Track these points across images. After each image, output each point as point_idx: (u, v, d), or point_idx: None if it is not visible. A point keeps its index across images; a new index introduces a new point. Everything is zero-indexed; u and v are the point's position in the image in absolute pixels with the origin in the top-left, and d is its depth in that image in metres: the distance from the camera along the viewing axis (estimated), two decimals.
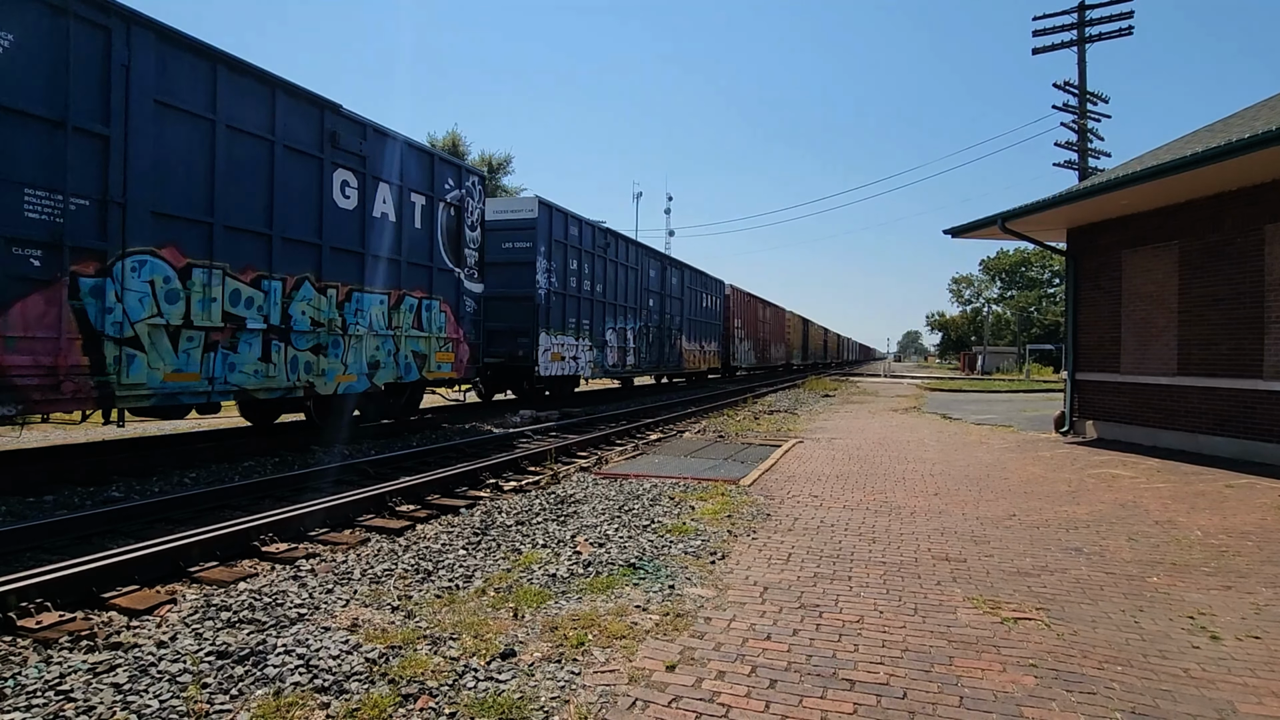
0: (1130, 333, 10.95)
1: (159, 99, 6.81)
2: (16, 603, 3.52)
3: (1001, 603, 3.91)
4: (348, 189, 9.26)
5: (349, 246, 9.30)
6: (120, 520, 5.41)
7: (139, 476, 7.27)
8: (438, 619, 3.56)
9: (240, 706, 2.66)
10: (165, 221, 6.91)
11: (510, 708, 2.67)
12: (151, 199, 6.77)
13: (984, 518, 5.98)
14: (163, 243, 6.90)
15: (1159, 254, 10.43)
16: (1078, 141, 23.73)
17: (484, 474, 7.52)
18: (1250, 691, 2.92)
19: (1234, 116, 11.24)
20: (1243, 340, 9.07)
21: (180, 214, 7.06)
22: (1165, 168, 8.51)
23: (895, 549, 4.96)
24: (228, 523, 5.02)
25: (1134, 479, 7.88)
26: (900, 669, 3.06)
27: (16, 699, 2.69)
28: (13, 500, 6.12)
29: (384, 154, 9.90)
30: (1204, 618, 3.75)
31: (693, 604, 3.81)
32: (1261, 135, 7.29)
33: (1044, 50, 23.57)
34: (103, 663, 3.01)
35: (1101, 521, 5.91)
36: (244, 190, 7.75)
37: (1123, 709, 2.75)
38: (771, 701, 2.77)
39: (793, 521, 5.70)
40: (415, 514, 5.98)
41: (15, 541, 4.73)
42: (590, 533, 5.28)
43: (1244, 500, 6.72)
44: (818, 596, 3.96)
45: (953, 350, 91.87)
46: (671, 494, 6.65)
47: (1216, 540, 5.34)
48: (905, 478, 7.84)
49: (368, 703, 2.68)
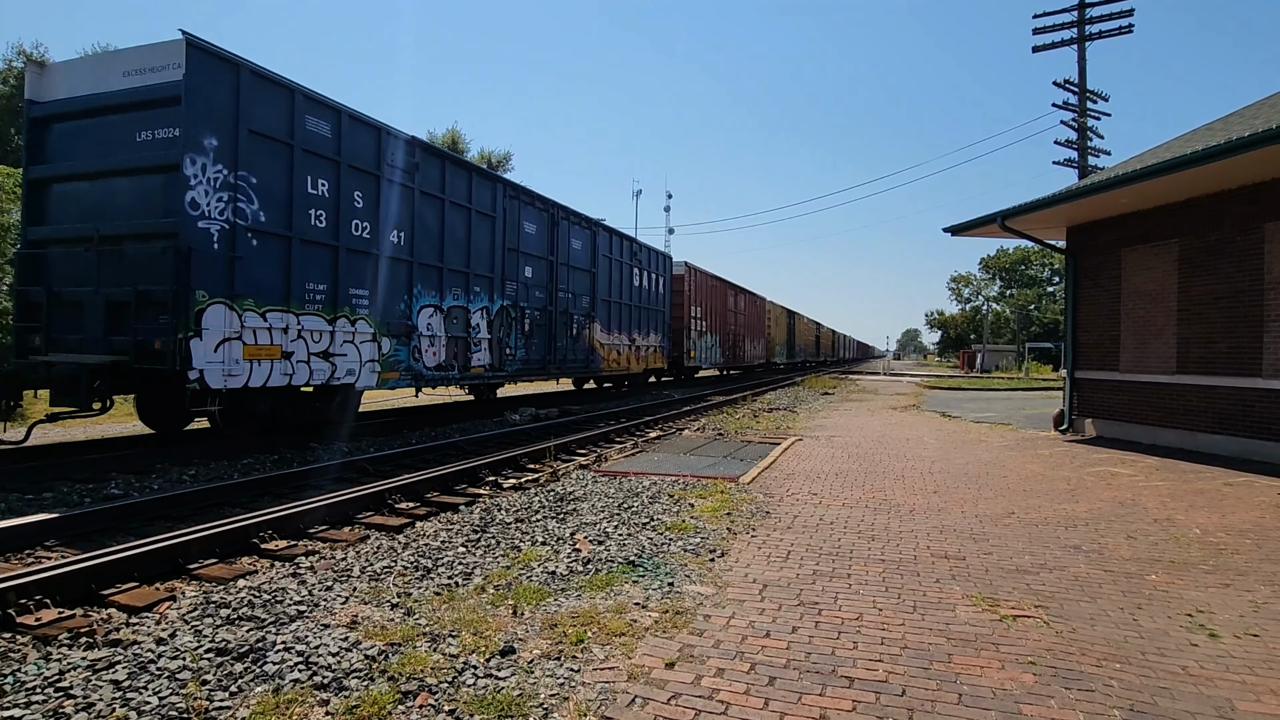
0: (1130, 331, 10.95)
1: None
2: (16, 600, 3.52)
3: (1000, 600, 3.91)
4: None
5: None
6: (119, 517, 5.41)
7: (138, 474, 7.27)
8: (437, 616, 3.56)
9: (240, 703, 2.66)
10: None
11: (510, 705, 2.68)
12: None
13: (983, 515, 5.98)
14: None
15: (1158, 252, 10.43)
16: (1077, 140, 23.73)
17: (483, 471, 7.53)
18: (1249, 689, 2.93)
19: (1234, 115, 11.23)
20: (1242, 339, 9.08)
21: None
22: (1165, 166, 8.51)
23: (894, 547, 4.97)
24: (227, 520, 5.02)
25: (1133, 477, 7.89)
26: (899, 666, 3.06)
27: (16, 695, 2.69)
28: (12, 497, 6.12)
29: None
30: (1202, 615, 3.76)
31: (692, 601, 3.81)
32: (1261, 134, 7.29)
33: (1044, 48, 23.56)
34: (102, 660, 3.01)
35: (1100, 519, 5.91)
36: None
37: (1121, 706, 2.75)
38: (771, 699, 2.77)
39: (792, 519, 5.70)
40: (414, 511, 5.98)
41: (16, 539, 4.73)
42: (590, 530, 5.28)
43: (1243, 498, 6.73)
44: (817, 594, 3.97)
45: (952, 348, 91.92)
46: (671, 491, 6.66)
47: (1215, 538, 5.34)
48: (904, 475, 7.84)
49: (367, 700, 2.68)
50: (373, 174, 9.60)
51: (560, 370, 15.31)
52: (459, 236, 11.64)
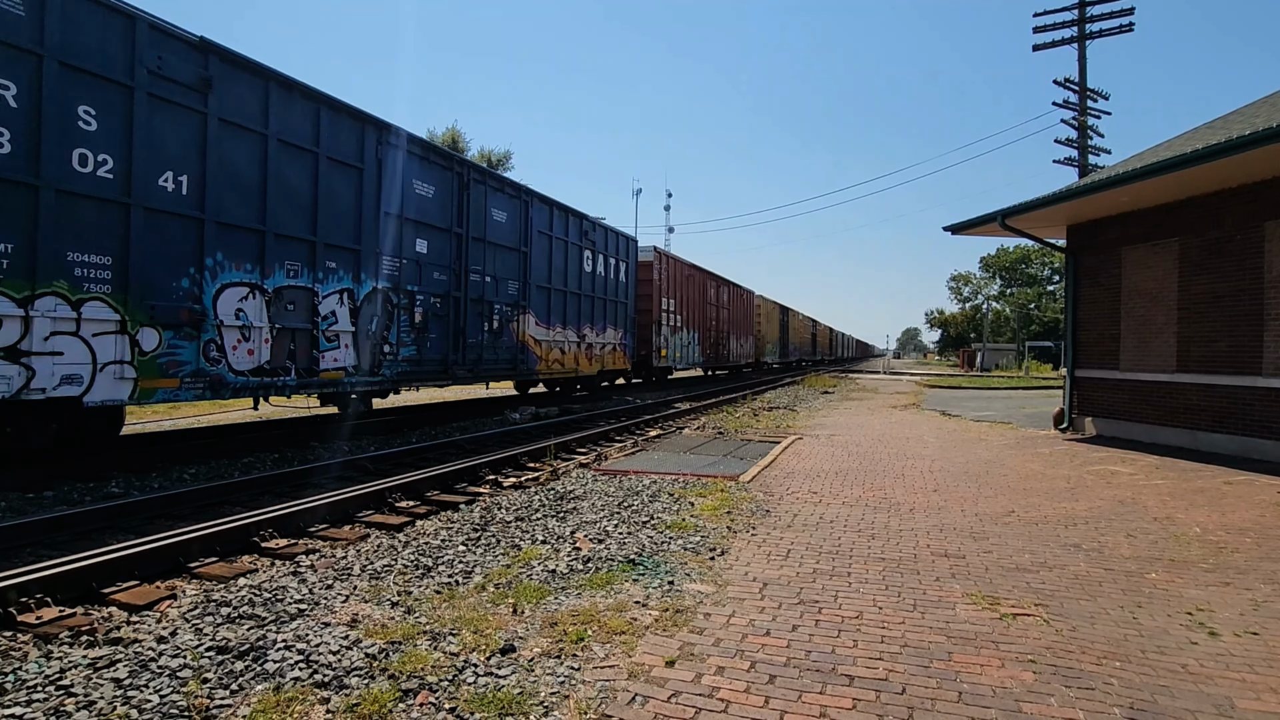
0: (1130, 329, 10.95)
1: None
2: (17, 598, 3.52)
3: (1000, 599, 3.92)
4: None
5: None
6: (120, 516, 5.41)
7: (138, 472, 7.27)
8: (437, 615, 3.57)
9: (240, 701, 2.66)
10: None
11: (510, 703, 2.68)
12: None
13: (983, 514, 5.98)
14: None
15: (1159, 251, 10.42)
16: (1078, 138, 23.72)
17: (483, 470, 7.53)
18: (1248, 687, 2.93)
19: (1234, 113, 11.23)
20: (1242, 337, 9.07)
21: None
22: (1165, 165, 8.50)
23: (894, 545, 4.97)
24: (228, 519, 5.03)
25: (1133, 476, 7.89)
26: (899, 665, 3.07)
27: (17, 694, 2.69)
28: (13, 496, 6.12)
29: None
30: (1202, 614, 3.76)
31: (692, 600, 3.81)
32: (1262, 132, 7.29)
33: (1044, 47, 23.57)
34: (103, 658, 3.01)
35: (1100, 518, 5.91)
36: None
37: (1121, 704, 2.76)
38: (771, 697, 2.77)
39: (792, 518, 5.70)
40: (415, 510, 5.98)
41: (16, 537, 4.73)
42: (590, 529, 5.29)
43: (1243, 497, 6.73)
44: (817, 592, 3.97)
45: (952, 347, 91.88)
46: (671, 490, 6.66)
47: (1215, 537, 5.35)
48: (904, 474, 7.85)
49: (368, 698, 2.68)
50: (120, 84, 6.53)
51: (473, 373, 12.06)
52: (299, 191, 8.42)
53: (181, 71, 7.07)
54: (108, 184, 6.49)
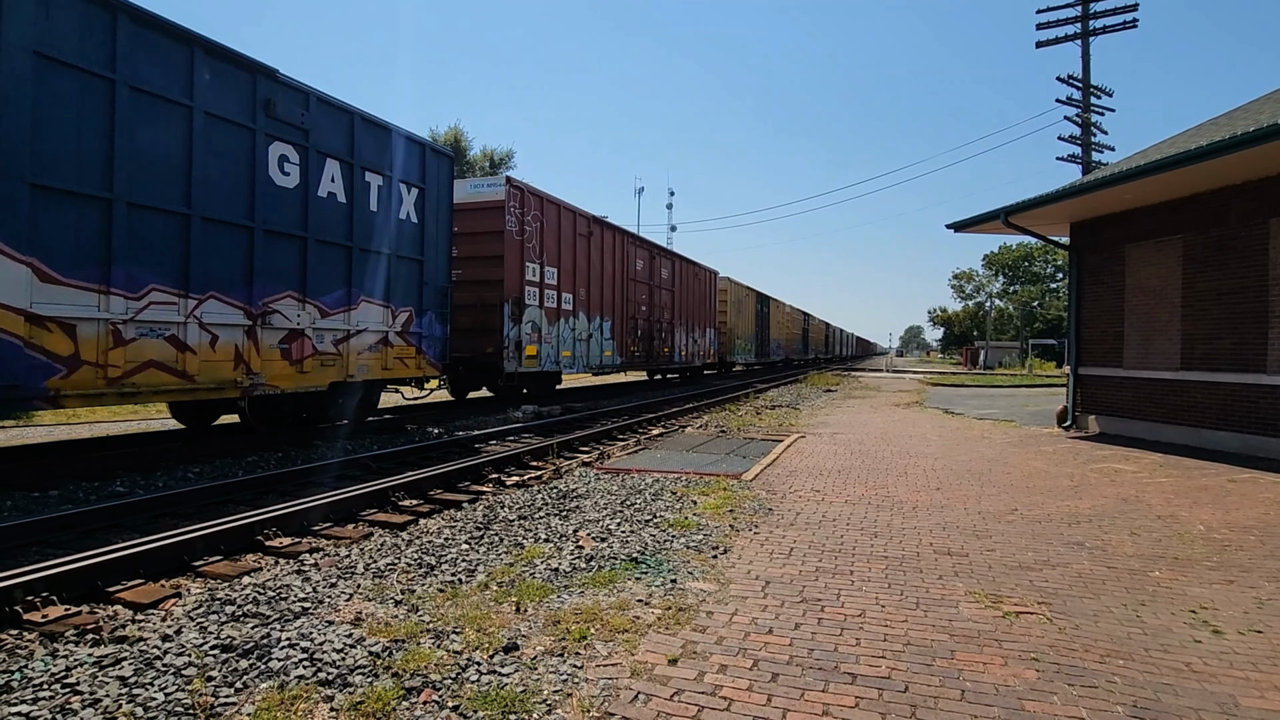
0: (1133, 327, 10.92)
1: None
2: (22, 596, 3.54)
3: (1003, 597, 3.92)
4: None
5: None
6: (124, 515, 5.43)
7: (143, 471, 7.30)
8: (440, 613, 3.58)
9: (245, 699, 2.67)
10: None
11: (513, 701, 2.69)
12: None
13: (986, 512, 5.98)
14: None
15: (1162, 248, 10.39)
16: (1081, 136, 23.64)
17: (486, 469, 7.54)
18: (1252, 685, 2.92)
19: (1239, 110, 11.19)
20: (1246, 335, 9.05)
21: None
22: (1169, 162, 8.48)
23: (897, 543, 4.97)
24: (232, 517, 5.04)
25: (1136, 474, 7.87)
26: (902, 663, 3.07)
27: (23, 692, 2.71)
28: (18, 495, 6.15)
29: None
30: (1206, 612, 3.75)
31: (695, 598, 3.82)
32: (1266, 129, 7.26)
33: (1048, 44, 23.48)
34: (108, 656, 3.02)
35: (1104, 516, 5.90)
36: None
37: (1124, 703, 2.75)
38: (773, 695, 2.77)
39: (794, 516, 5.70)
40: (418, 509, 5.99)
41: (21, 536, 4.75)
42: (592, 527, 5.29)
43: (1247, 495, 6.71)
44: (819, 591, 3.97)
45: (955, 345, 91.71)
46: (673, 489, 6.66)
47: (1219, 535, 5.34)
48: (907, 472, 7.84)
49: (371, 696, 2.69)
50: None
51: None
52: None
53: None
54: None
